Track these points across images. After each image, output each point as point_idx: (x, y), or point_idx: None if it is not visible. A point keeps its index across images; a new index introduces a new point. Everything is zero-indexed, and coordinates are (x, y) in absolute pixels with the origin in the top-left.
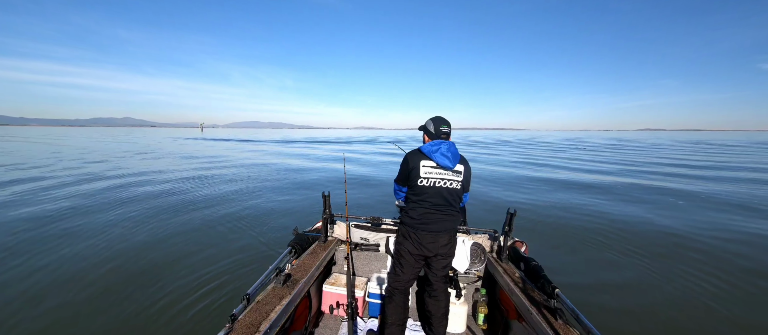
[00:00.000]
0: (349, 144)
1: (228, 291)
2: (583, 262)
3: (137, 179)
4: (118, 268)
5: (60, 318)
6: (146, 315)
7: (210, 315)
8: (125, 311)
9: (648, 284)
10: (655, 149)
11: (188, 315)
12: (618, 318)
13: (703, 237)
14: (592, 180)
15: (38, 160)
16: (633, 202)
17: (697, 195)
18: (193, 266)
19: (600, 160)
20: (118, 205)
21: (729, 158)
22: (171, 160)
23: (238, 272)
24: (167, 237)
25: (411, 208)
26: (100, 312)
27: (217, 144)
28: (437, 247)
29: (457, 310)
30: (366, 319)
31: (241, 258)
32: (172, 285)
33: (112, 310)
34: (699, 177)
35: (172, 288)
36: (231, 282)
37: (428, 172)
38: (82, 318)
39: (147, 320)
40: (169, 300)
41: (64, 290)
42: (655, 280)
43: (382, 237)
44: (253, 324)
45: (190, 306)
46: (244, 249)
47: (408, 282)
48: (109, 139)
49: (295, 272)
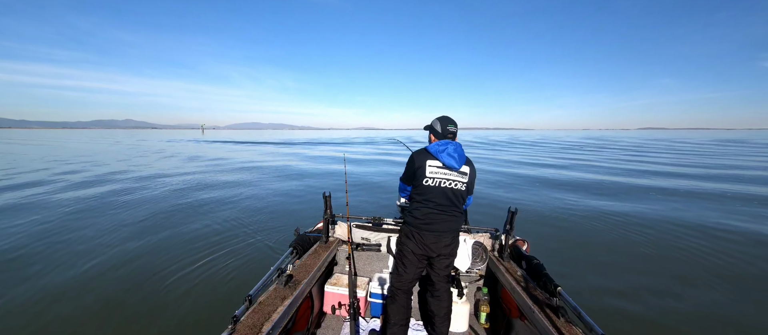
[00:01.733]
0: (351, 145)
1: (229, 292)
2: (585, 260)
3: (137, 184)
4: (119, 270)
5: (60, 319)
6: (148, 315)
7: (212, 316)
8: (126, 312)
9: (652, 284)
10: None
11: (190, 316)
12: (621, 317)
13: (716, 239)
14: (596, 179)
15: (38, 163)
16: (637, 201)
17: (713, 195)
18: (193, 267)
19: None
20: (118, 208)
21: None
22: (172, 162)
23: (240, 273)
24: (167, 239)
25: (415, 208)
26: (100, 313)
27: (217, 146)
28: (440, 247)
29: (459, 309)
30: (368, 319)
31: (242, 259)
32: (173, 286)
33: (112, 311)
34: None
35: (173, 289)
36: (232, 283)
37: (434, 172)
38: (83, 319)
39: (149, 321)
40: (170, 301)
41: (64, 291)
42: (659, 280)
43: (383, 237)
44: (255, 325)
45: (192, 307)
46: (245, 250)
47: (411, 282)
48: (111, 141)
49: (296, 273)
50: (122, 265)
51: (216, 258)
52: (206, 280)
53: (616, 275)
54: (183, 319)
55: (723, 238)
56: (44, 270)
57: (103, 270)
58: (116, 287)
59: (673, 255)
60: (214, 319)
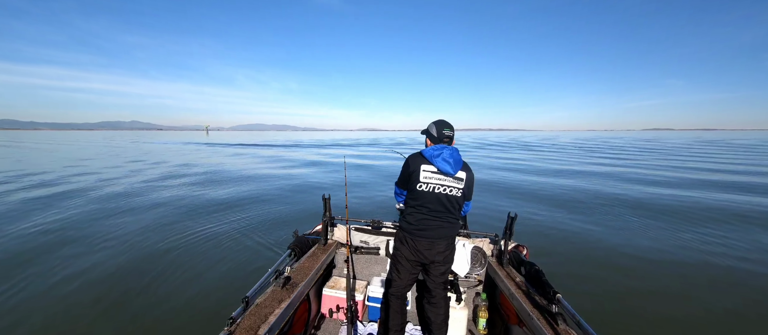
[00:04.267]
0: (353, 147)
1: (227, 294)
2: (585, 267)
3: (138, 184)
4: (118, 271)
5: (61, 321)
6: (145, 317)
7: (209, 317)
8: (124, 314)
9: (654, 291)
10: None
11: (187, 317)
12: (620, 325)
13: (720, 250)
14: (599, 182)
15: (46, 167)
16: (639, 207)
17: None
18: (192, 268)
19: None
20: (118, 210)
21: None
22: (174, 164)
23: (237, 274)
24: (167, 240)
25: (409, 213)
26: (99, 315)
27: (220, 149)
28: (434, 254)
29: (458, 315)
30: (365, 323)
31: (240, 261)
32: (171, 288)
33: (111, 313)
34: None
35: (170, 291)
36: (230, 285)
37: (428, 177)
38: (82, 321)
39: (145, 322)
40: (167, 303)
41: (62, 292)
42: (661, 287)
43: (382, 241)
44: (251, 328)
45: (189, 309)
46: (243, 252)
47: (404, 288)
48: (120, 142)
49: (294, 275)
50: (119, 266)
51: (213, 258)
52: (203, 281)
53: (616, 282)
54: (179, 320)
55: (732, 246)
56: (43, 271)
57: (102, 270)
58: (113, 288)
59: (678, 260)
60: (211, 321)
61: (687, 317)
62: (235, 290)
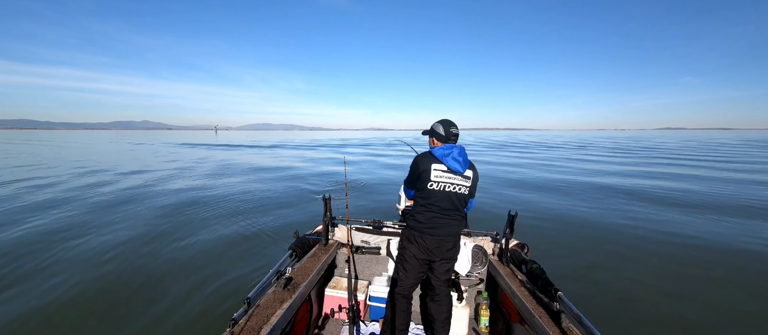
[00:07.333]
0: (353, 147)
1: (228, 295)
2: (586, 264)
3: (137, 185)
4: (118, 272)
5: (61, 321)
6: (146, 319)
7: (210, 319)
8: (125, 316)
9: (656, 288)
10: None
11: (188, 319)
12: (622, 322)
13: (726, 245)
14: (598, 181)
15: (60, 164)
16: (638, 204)
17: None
18: (193, 269)
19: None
20: (118, 211)
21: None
22: (175, 165)
23: (239, 275)
24: (167, 240)
25: (418, 212)
26: (100, 316)
27: (224, 151)
28: (442, 251)
29: (459, 313)
30: (367, 323)
31: (241, 262)
32: (172, 289)
33: (111, 315)
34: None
35: (172, 292)
36: (231, 286)
37: (439, 176)
38: (82, 322)
39: (147, 324)
40: (169, 304)
41: (60, 293)
42: (662, 285)
43: (383, 240)
44: (253, 329)
45: (191, 310)
46: (244, 253)
47: (411, 287)
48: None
49: (295, 275)
50: (120, 267)
51: (214, 259)
52: (204, 282)
53: (618, 279)
54: (181, 321)
55: (739, 247)
56: (42, 272)
57: (102, 271)
58: (114, 289)
59: (680, 258)
60: (213, 322)
61: (691, 315)
62: (236, 291)
